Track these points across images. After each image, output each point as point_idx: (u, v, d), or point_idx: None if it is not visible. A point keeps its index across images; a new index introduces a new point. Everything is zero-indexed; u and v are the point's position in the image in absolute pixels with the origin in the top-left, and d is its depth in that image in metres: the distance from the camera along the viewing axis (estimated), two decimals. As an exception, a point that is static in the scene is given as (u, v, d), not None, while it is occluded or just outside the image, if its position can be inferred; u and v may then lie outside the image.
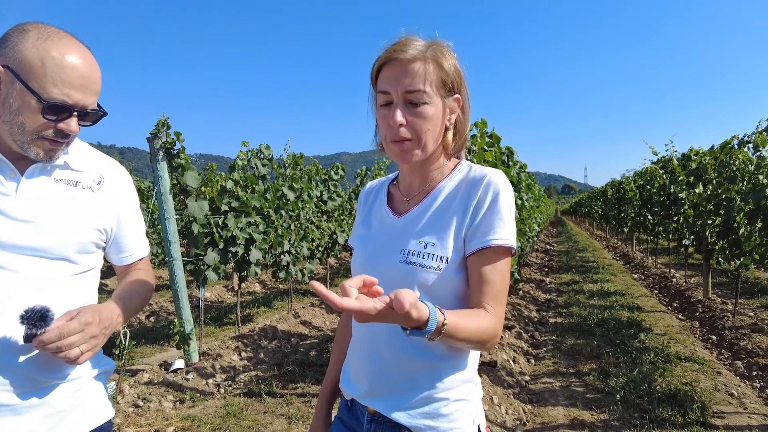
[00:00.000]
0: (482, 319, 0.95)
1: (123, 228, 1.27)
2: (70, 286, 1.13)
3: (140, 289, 1.30)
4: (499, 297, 1.00)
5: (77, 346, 1.00)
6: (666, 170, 9.03)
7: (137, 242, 1.34)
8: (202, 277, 4.71)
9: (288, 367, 4.50)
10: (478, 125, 4.02)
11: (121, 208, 1.26)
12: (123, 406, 3.54)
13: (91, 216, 1.17)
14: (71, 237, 1.11)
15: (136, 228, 1.33)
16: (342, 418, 1.19)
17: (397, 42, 1.01)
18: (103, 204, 1.20)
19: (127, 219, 1.28)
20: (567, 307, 7.31)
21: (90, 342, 1.03)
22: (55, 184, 1.13)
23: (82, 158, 1.20)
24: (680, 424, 3.37)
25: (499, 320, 0.98)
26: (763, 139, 5.52)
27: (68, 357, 0.99)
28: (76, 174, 1.17)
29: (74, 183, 1.16)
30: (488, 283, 0.99)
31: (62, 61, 1.01)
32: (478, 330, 0.93)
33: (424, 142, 1.02)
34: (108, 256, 1.30)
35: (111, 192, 1.23)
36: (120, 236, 1.27)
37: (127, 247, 1.31)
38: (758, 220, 5.05)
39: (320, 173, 8.91)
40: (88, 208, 1.17)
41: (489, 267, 1.00)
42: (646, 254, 13.18)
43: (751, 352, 4.80)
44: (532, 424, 3.52)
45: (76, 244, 1.12)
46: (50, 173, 1.13)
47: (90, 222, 1.16)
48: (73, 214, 1.13)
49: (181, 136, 4.17)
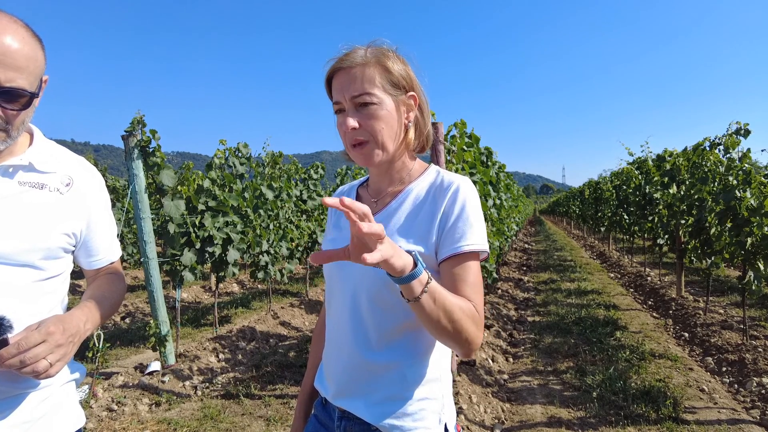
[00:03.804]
0: (463, 301, 0.96)
1: (93, 231, 1.22)
2: (36, 292, 1.07)
3: (111, 294, 1.24)
4: (476, 292, 1.01)
5: (43, 358, 0.93)
6: (641, 171, 9.23)
7: (108, 245, 1.28)
8: (179, 278, 4.63)
9: (266, 368, 4.46)
10: (457, 126, 4.04)
11: (91, 210, 1.20)
12: (96, 411, 3.45)
13: (58, 220, 1.11)
14: (35, 242, 1.05)
15: (106, 231, 1.27)
16: (317, 416, 1.23)
17: (342, 53, 1.06)
18: (71, 207, 1.14)
19: (98, 222, 1.23)
20: (545, 306, 7.41)
21: (57, 352, 0.96)
22: (18, 187, 1.06)
23: (50, 160, 1.14)
24: (654, 420, 3.44)
25: (479, 313, 0.99)
26: (733, 141, 5.68)
27: (36, 370, 0.93)
28: (42, 176, 1.10)
29: (40, 186, 1.09)
30: (464, 281, 1.01)
31: None
32: (459, 307, 0.93)
33: (381, 141, 1.04)
34: (77, 260, 1.24)
35: (80, 194, 1.17)
36: (90, 239, 1.22)
37: (97, 251, 1.25)
38: (728, 220, 5.19)
39: (300, 172, 8.85)
40: (55, 211, 1.10)
41: (462, 268, 1.01)
42: (623, 253, 13.44)
43: (721, 349, 4.94)
44: (510, 423, 3.56)
45: (42, 249, 1.06)
46: (12, 176, 1.06)
47: (57, 226, 1.10)
48: (38, 219, 1.06)
49: (156, 134, 4.09)
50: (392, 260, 0.80)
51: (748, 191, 4.98)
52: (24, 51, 0.97)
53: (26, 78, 0.98)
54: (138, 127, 4.01)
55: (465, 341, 0.95)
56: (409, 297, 0.87)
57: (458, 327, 0.93)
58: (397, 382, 1.06)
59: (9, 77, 0.95)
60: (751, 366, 4.35)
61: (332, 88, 1.07)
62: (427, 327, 0.94)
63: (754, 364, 4.37)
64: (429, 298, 0.88)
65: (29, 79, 0.99)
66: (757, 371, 4.22)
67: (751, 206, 4.83)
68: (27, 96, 0.99)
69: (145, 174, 4.10)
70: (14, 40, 0.95)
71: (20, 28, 0.98)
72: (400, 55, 1.10)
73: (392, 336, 1.05)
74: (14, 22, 0.97)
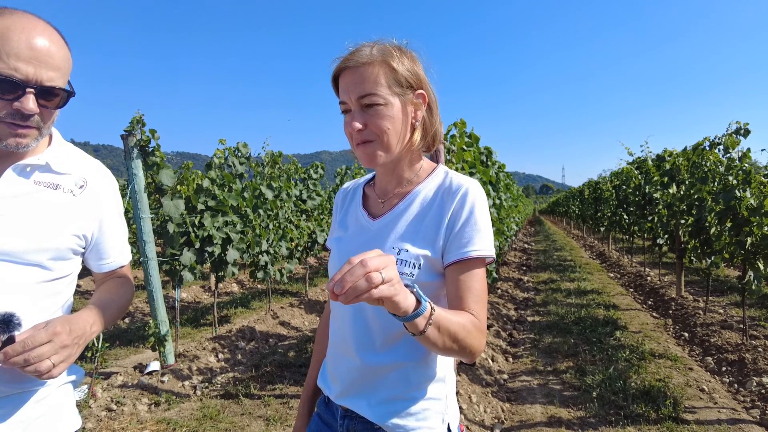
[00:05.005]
0: (466, 317, 0.96)
1: (104, 234, 1.22)
2: (43, 293, 1.06)
3: (119, 297, 1.24)
4: (480, 300, 1.01)
5: (47, 358, 0.92)
6: (641, 171, 9.23)
7: (119, 249, 1.28)
8: (178, 278, 4.62)
9: (266, 368, 4.45)
10: (457, 125, 4.04)
11: (103, 213, 1.20)
12: (95, 410, 3.45)
13: (70, 221, 1.11)
14: (45, 242, 1.05)
15: (118, 234, 1.27)
16: (320, 414, 1.23)
17: (348, 52, 1.04)
18: (83, 209, 1.14)
19: (109, 225, 1.23)
20: (545, 306, 7.41)
21: (62, 353, 0.95)
22: (33, 186, 1.07)
23: (67, 161, 1.14)
24: (654, 420, 3.44)
25: (482, 323, 0.99)
26: (732, 141, 5.68)
27: (39, 370, 0.92)
28: (57, 177, 1.11)
29: (54, 186, 1.10)
30: (470, 290, 1.00)
31: (7, 33, 0.94)
32: (463, 326, 0.93)
33: (386, 142, 1.03)
34: (87, 262, 1.24)
35: (93, 196, 1.17)
36: (101, 242, 1.22)
37: (107, 254, 1.25)
38: (728, 220, 5.19)
39: (299, 172, 8.85)
40: (67, 212, 1.10)
41: (468, 275, 1.01)
42: (622, 253, 13.44)
43: (721, 348, 4.93)
44: (510, 423, 3.55)
45: (51, 249, 1.06)
46: (29, 175, 1.07)
47: (68, 227, 1.10)
48: (50, 219, 1.07)
49: (156, 133, 4.09)
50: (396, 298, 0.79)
51: (747, 191, 4.98)
52: (61, 53, 1.02)
53: (62, 78, 1.02)
54: (137, 126, 4.01)
55: (469, 353, 0.97)
56: (414, 332, 0.87)
57: (462, 345, 0.94)
58: (401, 383, 1.05)
59: (50, 77, 0.99)
60: (751, 366, 4.35)
61: (339, 88, 1.06)
62: (432, 350, 0.95)
63: (753, 364, 4.36)
64: (434, 329, 0.88)
65: (64, 79, 1.03)
66: (757, 371, 4.22)
67: (750, 206, 4.83)
68: (64, 95, 1.04)
69: (145, 173, 4.09)
70: (53, 43, 1.00)
71: (54, 31, 1.02)
72: (408, 51, 1.07)
73: (396, 338, 1.05)
74: (49, 25, 1.02)
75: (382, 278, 0.75)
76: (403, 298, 0.80)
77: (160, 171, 4.17)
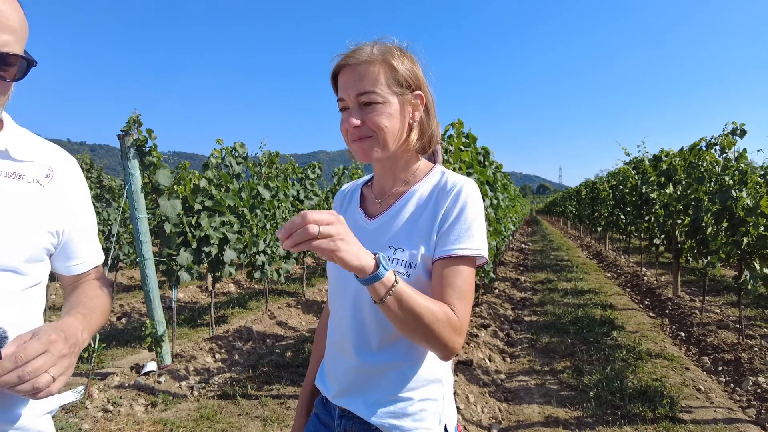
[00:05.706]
0: (440, 306, 0.94)
1: (75, 230, 1.05)
2: (18, 303, 0.91)
3: (99, 303, 1.07)
4: (462, 297, 0.99)
5: (46, 371, 0.77)
6: (638, 171, 9.25)
7: (91, 247, 1.11)
8: (175, 278, 4.61)
9: (263, 368, 4.44)
10: (454, 125, 4.04)
11: (74, 206, 1.04)
12: (92, 411, 3.43)
13: (41, 215, 0.95)
14: (18, 241, 0.90)
15: (90, 230, 1.10)
16: (318, 414, 1.23)
17: (348, 50, 1.05)
18: (53, 201, 0.98)
19: (80, 219, 1.06)
20: (542, 306, 7.42)
21: (61, 364, 0.80)
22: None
23: (27, 147, 0.98)
24: (650, 419, 3.45)
25: (460, 319, 0.97)
26: (729, 141, 5.69)
27: (36, 386, 0.75)
28: (19, 165, 0.95)
29: (17, 176, 0.94)
30: (451, 285, 0.99)
31: None
32: (431, 311, 0.92)
33: (383, 139, 1.03)
34: (53, 264, 1.06)
35: (61, 187, 1.01)
36: (71, 240, 1.05)
37: (78, 254, 1.08)
38: (724, 220, 5.21)
39: (297, 172, 8.83)
40: (36, 205, 0.95)
41: (452, 270, 1.00)
42: (619, 253, 13.48)
43: (717, 348, 4.95)
44: (507, 423, 3.56)
45: (26, 250, 0.91)
46: None
47: (40, 223, 0.95)
48: (19, 214, 0.91)
49: (153, 133, 4.08)
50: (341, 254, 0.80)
51: (744, 191, 5.00)
52: (15, 14, 0.85)
53: (18, 43, 0.85)
54: (134, 126, 4.00)
55: (440, 346, 0.95)
56: (375, 298, 0.88)
57: (429, 331, 0.92)
58: (398, 383, 1.05)
59: (4, 40, 0.82)
60: (747, 365, 4.36)
61: (338, 84, 1.06)
62: (396, 328, 0.95)
63: (750, 364, 4.38)
64: (394, 300, 0.88)
65: (21, 45, 0.86)
66: (753, 370, 4.23)
67: (747, 206, 4.85)
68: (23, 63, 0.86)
69: (142, 173, 4.08)
70: (4, 1, 0.83)
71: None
72: (408, 52, 1.08)
73: (394, 338, 1.05)
74: None
75: (319, 231, 0.77)
76: (352, 257, 0.82)
77: (157, 171, 4.16)
